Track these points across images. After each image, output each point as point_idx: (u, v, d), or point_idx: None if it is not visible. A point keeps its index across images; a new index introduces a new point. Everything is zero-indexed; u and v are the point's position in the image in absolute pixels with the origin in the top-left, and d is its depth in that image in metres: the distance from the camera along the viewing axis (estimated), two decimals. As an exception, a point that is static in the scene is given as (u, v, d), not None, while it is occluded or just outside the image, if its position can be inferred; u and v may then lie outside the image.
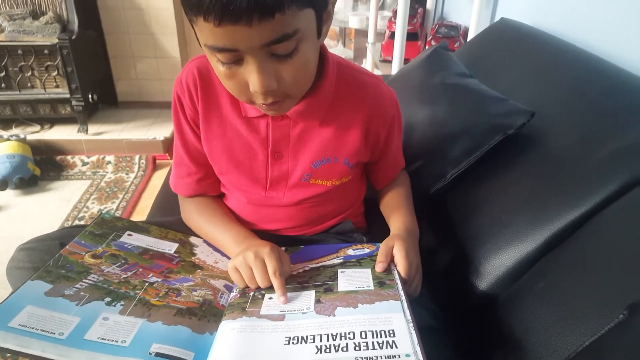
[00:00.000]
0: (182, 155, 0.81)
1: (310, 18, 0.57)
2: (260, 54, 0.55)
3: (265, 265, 0.66)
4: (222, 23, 0.51)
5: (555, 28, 1.21)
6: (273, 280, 0.65)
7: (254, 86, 0.58)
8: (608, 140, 0.75)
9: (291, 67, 0.58)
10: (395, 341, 0.55)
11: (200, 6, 0.50)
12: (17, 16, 2.30)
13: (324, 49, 0.73)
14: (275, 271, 0.65)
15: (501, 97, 0.95)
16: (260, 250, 0.68)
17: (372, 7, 2.33)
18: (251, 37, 0.52)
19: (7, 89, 2.35)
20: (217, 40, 0.54)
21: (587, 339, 0.55)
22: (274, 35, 0.53)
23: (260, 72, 0.57)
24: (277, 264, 0.66)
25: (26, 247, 0.76)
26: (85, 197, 2.10)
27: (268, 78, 0.57)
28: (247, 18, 0.50)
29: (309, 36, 0.58)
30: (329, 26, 0.64)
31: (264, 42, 0.53)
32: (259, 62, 0.56)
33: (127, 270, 0.69)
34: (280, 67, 0.58)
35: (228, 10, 0.49)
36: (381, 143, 0.82)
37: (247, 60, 0.56)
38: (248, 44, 0.54)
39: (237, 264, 0.68)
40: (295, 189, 0.79)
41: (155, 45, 2.58)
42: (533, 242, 0.73)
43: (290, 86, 0.61)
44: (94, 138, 2.41)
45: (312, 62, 0.63)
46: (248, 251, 0.68)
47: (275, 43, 0.54)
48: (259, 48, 0.54)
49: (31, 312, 0.56)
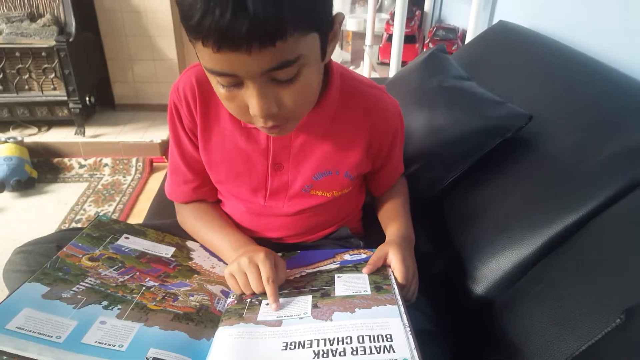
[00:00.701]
0: (179, 163, 0.80)
1: (314, 42, 0.56)
2: (260, 80, 0.54)
3: (259, 271, 0.66)
4: (221, 50, 0.49)
5: (553, 31, 1.22)
6: (266, 287, 0.65)
7: (253, 110, 0.57)
8: (606, 144, 0.75)
9: (292, 91, 0.57)
10: (393, 345, 0.55)
11: (199, 31, 0.49)
12: (14, 18, 2.30)
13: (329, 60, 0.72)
14: (268, 278, 0.65)
15: (499, 100, 0.95)
16: (254, 256, 0.67)
17: (370, 9, 2.34)
18: (251, 64, 0.51)
19: (5, 91, 2.35)
20: (216, 65, 0.53)
21: (584, 343, 0.55)
22: (274, 62, 0.52)
23: (260, 97, 0.55)
24: (271, 270, 0.66)
25: (23, 250, 0.75)
26: (82, 199, 2.09)
27: (268, 103, 0.56)
28: (246, 46, 0.49)
29: (312, 60, 0.57)
30: (335, 44, 0.62)
31: (264, 69, 0.52)
32: (259, 87, 0.55)
33: (124, 274, 0.69)
34: (281, 92, 0.56)
35: (227, 37, 0.48)
36: (383, 154, 0.82)
37: (247, 84, 0.55)
38: (248, 71, 0.53)
39: (233, 270, 0.68)
40: (295, 199, 0.79)
41: (152, 48, 2.58)
42: (530, 246, 0.73)
43: (291, 110, 0.59)
44: (91, 140, 2.40)
45: (314, 86, 0.61)
46: (243, 257, 0.68)
47: (276, 69, 0.53)
48: (259, 74, 0.53)
49: (28, 314, 0.56)
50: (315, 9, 0.54)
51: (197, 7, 0.47)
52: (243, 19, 0.46)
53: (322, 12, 0.55)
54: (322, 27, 0.56)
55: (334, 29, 0.60)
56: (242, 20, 0.46)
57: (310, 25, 0.53)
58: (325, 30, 0.58)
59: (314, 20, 0.54)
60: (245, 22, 0.47)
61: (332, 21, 0.59)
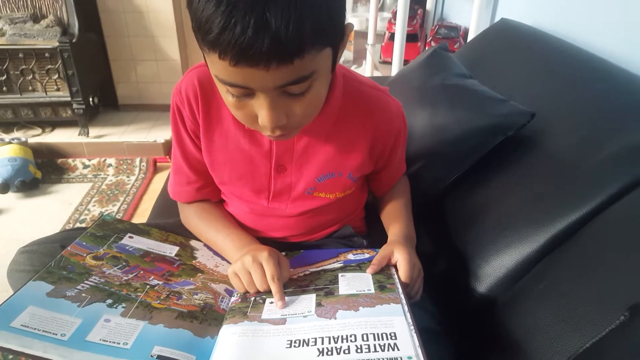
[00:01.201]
0: (182, 164, 0.80)
1: (328, 56, 0.56)
2: (273, 93, 0.54)
3: (263, 270, 0.67)
4: (239, 65, 0.49)
5: (556, 28, 1.21)
6: (271, 285, 0.65)
7: (263, 121, 0.57)
8: (609, 142, 0.75)
9: (303, 103, 0.57)
10: (397, 343, 0.55)
11: (217, 44, 0.49)
12: (18, 20, 2.30)
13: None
14: (273, 276, 0.65)
15: (501, 98, 0.95)
16: (258, 255, 0.68)
17: (372, 8, 2.34)
18: (267, 79, 0.51)
19: (9, 92, 2.36)
20: (229, 77, 0.53)
21: (588, 340, 0.55)
22: (290, 78, 0.52)
23: (271, 109, 0.56)
24: (275, 268, 0.66)
25: (27, 250, 0.76)
26: (86, 199, 2.10)
27: (278, 115, 0.57)
28: (265, 63, 0.49)
29: (324, 74, 0.57)
30: (342, 53, 0.63)
31: (279, 84, 0.53)
32: (270, 100, 0.55)
33: (129, 273, 0.69)
34: (292, 104, 0.57)
35: (247, 54, 0.48)
36: (386, 155, 0.82)
37: (258, 96, 0.55)
38: (262, 85, 0.53)
39: (237, 269, 0.68)
40: (298, 201, 0.79)
41: (155, 48, 2.59)
42: (533, 244, 0.73)
43: (299, 120, 0.60)
44: (95, 141, 2.41)
45: (322, 96, 0.62)
46: (246, 256, 0.68)
47: (291, 85, 0.53)
48: (273, 89, 0.53)
49: (33, 312, 0.56)
50: (333, 25, 0.54)
51: (216, 21, 0.47)
52: (264, 37, 0.46)
53: (337, 27, 0.56)
54: (337, 41, 0.57)
55: (344, 40, 0.60)
56: (263, 38, 0.46)
57: (326, 42, 0.53)
58: (338, 43, 0.58)
59: (330, 36, 0.54)
60: (266, 40, 0.46)
61: (344, 32, 0.59)
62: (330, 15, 0.52)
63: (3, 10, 2.35)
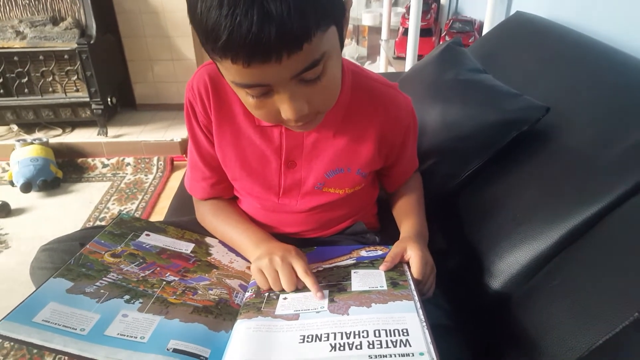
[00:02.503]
0: (196, 160, 0.82)
1: (334, 35, 0.56)
2: (290, 84, 0.55)
3: (292, 270, 0.67)
4: (252, 63, 0.50)
5: (572, 20, 1.20)
6: (306, 279, 0.66)
7: (286, 114, 0.58)
8: (625, 137, 0.74)
9: (320, 88, 0.58)
10: (409, 340, 0.55)
11: (227, 50, 0.50)
12: (38, 23, 2.36)
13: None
14: (305, 270, 0.67)
15: (515, 93, 0.94)
16: (287, 255, 0.69)
17: (385, 3, 2.33)
18: (281, 71, 0.52)
19: (30, 94, 2.41)
20: (246, 79, 0.54)
21: (601, 337, 0.54)
22: (303, 65, 0.53)
23: (292, 100, 0.57)
24: (306, 264, 0.68)
25: (47, 248, 0.78)
26: (105, 198, 2.14)
27: (300, 105, 0.57)
28: (276, 55, 0.49)
29: (334, 53, 0.58)
30: (347, 29, 0.63)
31: (294, 73, 0.53)
32: (289, 92, 0.56)
33: (145, 269, 0.71)
34: (311, 91, 0.57)
35: (257, 51, 0.49)
36: (395, 151, 0.82)
37: (277, 90, 0.56)
38: (279, 78, 0.54)
39: (263, 266, 0.69)
40: (308, 196, 0.80)
41: (171, 48, 2.62)
42: (547, 240, 0.72)
43: (321, 105, 0.61)
44: (114, 140, 2.45)
45: (338, 77, 0.62)
46: (275, 255, 0.69)
47: (305, 71, 0.54)
48: (289, 79, 0.54)
49: (54, 308, 0.58)
50: (334, 2, 0.54)
51: (222, 26, 0.48)
52: (270, 28, 0.47)
53: (337, 3, 0.56)
54: (339, 18, 0.57)
55: (345, 15, 0.60)
56: (269, 30, 0.47)
57: (329, 20, 0.54)
58: (341, 19, 0.58)
59: (332, 14, 0.54)
60: (272, 31, 0.47)
61: (345, 8, 0.59)
62: None
63: (24, 13, 2.41)
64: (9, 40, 2.29)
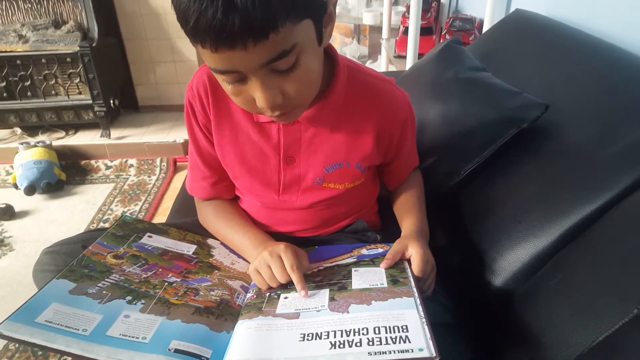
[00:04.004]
0: (197, 160, 0.82)
1: (309, 28, 0.57)
2: (261, 72, 0.56)
3: (282, 262, 0.68)
4: (219, 49, 0.52)
5: (571, 18, 1.19)
6: (292, 275, 0.67)
7: (260, 102, 0.59)
8: (624, 133, 0.74)
9: (294, 79, 0.58)
10: (408, 336, 0.55)
11: (196, 35, 0.51)
12: (40, 26, 2.37)
13: (334, 52, 0.73)
14: (292, 265, 0.67)
15: (515, 90, 0.94)
16: (275, 249, 0.70)
17: (386, 3, 2.32)
18: (249, 59, 0.53)
19: (33, 97, 2.43)
20: (217, 64, 0.55)
21: (602, 333, 0.55)
22: (271, 54, 0.53)
23: (264, 89, 0.57)
24: (294, 258, 0.68)
25: (50, 251, 0.79)
26: (109, 200, 2.15)
27: (272, 94, 0.58)
28: (241, 43, 0.50)
29: (309, 46, 0.58)
30: (332, 27, 0.63)
31: (262, 62, 0.54)
32: (261, 80, 0.57)
33: (148, 270, 0.71)
34: (284, 81, 0.58)
35: (222, 37, 0.50)
36: (394, 146, 0.82)
37: (250, 79, 0.57)
38: (247, 66, 0.55)
39: (257, 265, 0.70)
40: (308, 192, 0.80)
41: (172, 50, 2.63)
42: (548, 237, 0.72)
43: (296, 97, 0.61)
44: (117, 142, 2.46)
45: (315, 71, 0.62)
46: (264, 251, 0.70)
47: (274, 61, 0.54)
48: (258, 67, 0.55)
49: (56, 309, 0.59)
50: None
51: (190, 11, 0.49)
52: (234, 16, 0.48)
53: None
54: (315, 12, 0.57)
55: (328, 12, 0.60)
56: (233, 18, 0.48)
57: (301, 13, 0.54)
58: (319, 14, 0.58)
59: (305, 8, 0.55)
60: (236, 19, 0.48)
61: (326, 4, 0.59)
62: None
63: (26, 17, 2.42)
64: (11, 44, 2.30)
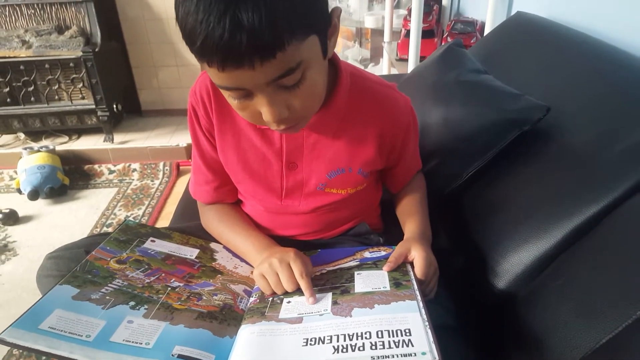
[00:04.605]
0: (199, 164, 0.83)
1: (314, 44, 0.57)
2: (268, 89, 0.56)
3: (291, 270, 0.68)
4: (226, 69, 0.52)
5: (573, 20, 1.19)
6: (300, 282, 0.67)
7: (266, 117, 0.59)
8: (626, 135, 0.74)
9: (300, 94, 0.59)
10: (412, 340, 0.55)
11: (202, 54, 0.52)
12: (43, 32, 2.38)
13: (337, 59, 0.73)
14: (301, 273, 0.67)
15: (516, 93, 0.94)
16: (285, 256, 0.70)
17: (387, 6, 2.33)
18: (256, 77, 0.53)
19: (36, 102, 2.44)
20: (223, 82, 0.55)
21: (605, 336, 0.55)
22: (278, 72, 0.54)
23: (271, 104, 0.58)
24: (303, 266, 0.68)
25: (54, 256, 0.79)
26: (112, 204, 2.16)
27: (279, 109, 0.58)
28: (249, 62, 0.51)
29: (315, 61, 0.58)
30: (337, 38, 0.63)
31: (269, 79, 0.54)
32: (268, 96, 0.57)
33: (151, 275, 0.71)
34: (290, 96, 0.59)
35: (229, 57, 0.50)
36: (396, 151, 0.82)
37: (256, 94, 0.57)
38: (254, 83, 0.55)
39: (264, 271, 0.70)
40: (310, 197, 0.80)
41: (175, 54, 2.64)
42: (551, 239, 0.72)
43: (301, 110, 0.61)
44: (120, 147, 2.47)
45: (320, 84, 0.63)
46: (273, 257, 0.70)
47: (281, 78, 0.55)
48: (265, 85, 0.55)
49: (60, 315, 0.59)
50: (310, 13, 0.55)
51: (197, 32, 0.50)
52: (241, 36, 0.48)
53: (317, 14, 0.57)
54: (320, 27, 0.58)
55: (332, 24, 0.61)
56: (240, 38, 0.48)
57: (307, 30, 0.54)
58: (324, 28, 0.59)
59: (310, 24, 0.55)
60: (243, 39, 0.48)
61: (330, 17, 0.60)
62: (306, 3, 0.53)
63: (29, 23, 2.43)
64: (15, 49, 2.32)
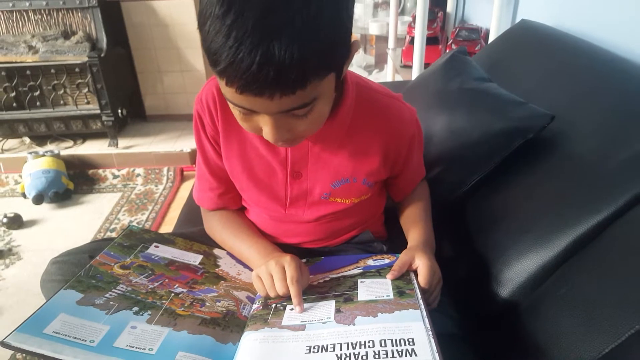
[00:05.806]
0: (204, 171, 0.83)
1: (331, 80, 0.58)
2: (276, 115, 0.57)
3: (285, 274, 0.68)
4: (244, 93, 0.52)
5: (578, 28, 1.19)
6: (290, 287, 0.67)
7: (267, 136, 0.60)
8: (630, 144, 0.73)
9: (306, 122, 0.59)
10: (415, 349, 0.55)
11: (223, 74, 0.51)
12: (49, 37, 2.40)
13: None
14: (292, 278, 0.67)
15: (520, 101, 0.94)
16: (281, 259, 0.70)
17: (392, 13, 2.34)
18: (271, 106, 0.54)
19: (42, 106, 2.45)
20: (236, 101, 0.55)
21: (607, 345, 0.54)
22: (292, 105, 0.54)
23: (274, 127, 0.58)
24: (296, 271, 0.68)
25: (58, 261, 0.79)
26: (116, 209, 2.16)
27: (281, 132, 0.59)
28: (269, 94, 0.51)
29: (327, 95, 0.59)
30: (347, 67, 0.64)
31: (282, 110, 0.55)
32: (274, 120, 0.57)
33: (154, 281, 0.72)
34: (295, 122, 0.59)
35: (251, 87, 0.50)
36: (401, 161, 0.82)
37: (263, 115, 0.58)
38: (267, 110, 0.56)
39: (260, 272, 0.71)
40: (314, 206, 0.80)
41: (180, 60, 2.65)
42: (554, 247, 0.72)
43: (303, 133, 0.62)
44: (124, 152, 2.48)
45: (326, 112, 0.64)
46: (270, 260, 0.71)
47: (294, 110, 0.56)
48: (276, 113, 0.56)
49: (64, 320, 0.59)
50: (337, 54, 0.55)
51: (223, 55, 0.49)
52: (269, 70, 0.48)
53: (342, 54, 0.57)
54: (340, 65, 0.58)
55: (349, 57, 0.61)
56: (268, 71, 0.48)
57: (329, 70, 0.55)
58: (342, 64, 0.59)
59: (334, 64, 0.56)
60: (270, 73, 0.48)
61: (349, 52, 0.59)
62: (334, 45, 0.53)
63: (36, 28, 2.45)
64: (21, 54, 2.34)
